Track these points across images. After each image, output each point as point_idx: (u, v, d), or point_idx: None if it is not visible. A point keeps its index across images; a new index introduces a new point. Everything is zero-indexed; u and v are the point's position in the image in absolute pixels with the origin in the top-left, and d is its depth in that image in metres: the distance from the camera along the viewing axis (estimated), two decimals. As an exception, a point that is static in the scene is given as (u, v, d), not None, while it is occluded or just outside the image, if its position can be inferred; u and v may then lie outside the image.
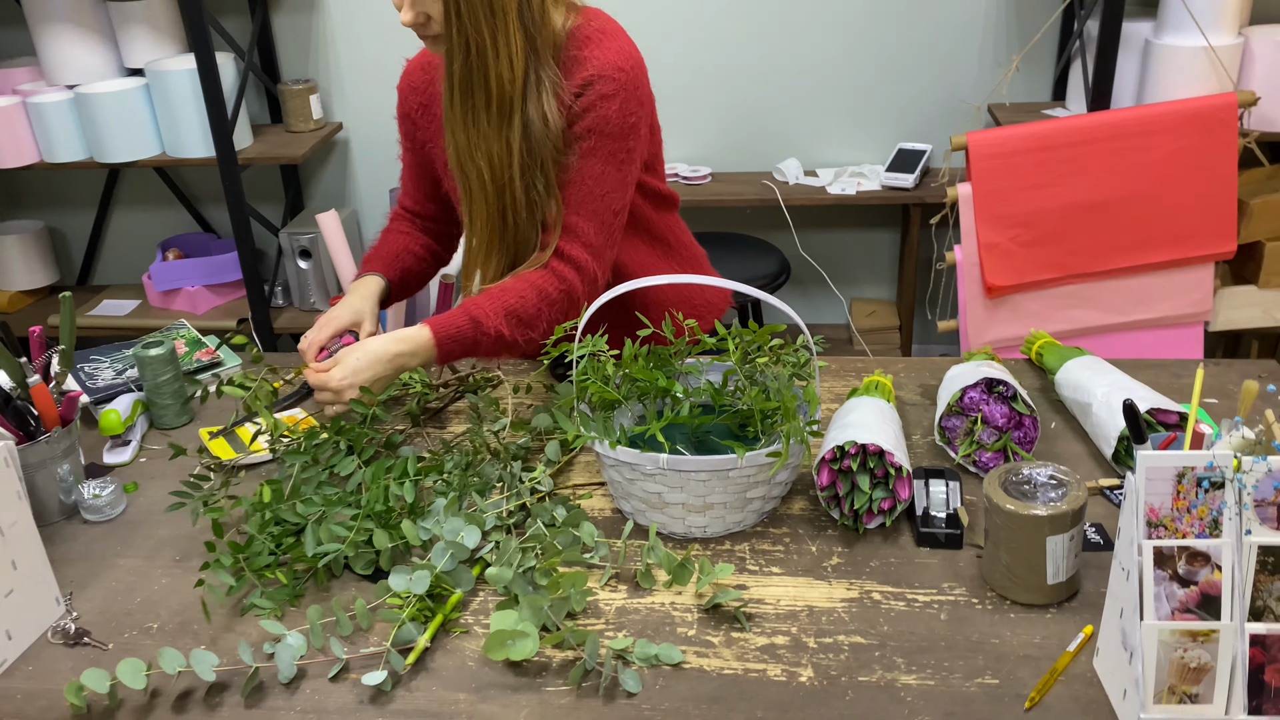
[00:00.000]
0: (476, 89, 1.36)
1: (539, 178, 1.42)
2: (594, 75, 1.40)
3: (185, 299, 2.91)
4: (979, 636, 1.10)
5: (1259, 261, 2.46)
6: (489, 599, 1.18)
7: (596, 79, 1.40)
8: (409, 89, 1.57)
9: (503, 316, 1.40)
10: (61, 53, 2.68)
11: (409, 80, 1.57)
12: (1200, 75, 2.31)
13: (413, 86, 1.56)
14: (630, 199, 1.50)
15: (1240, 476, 0.93)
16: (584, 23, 1.43)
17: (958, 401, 1.35)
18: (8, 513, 1.12)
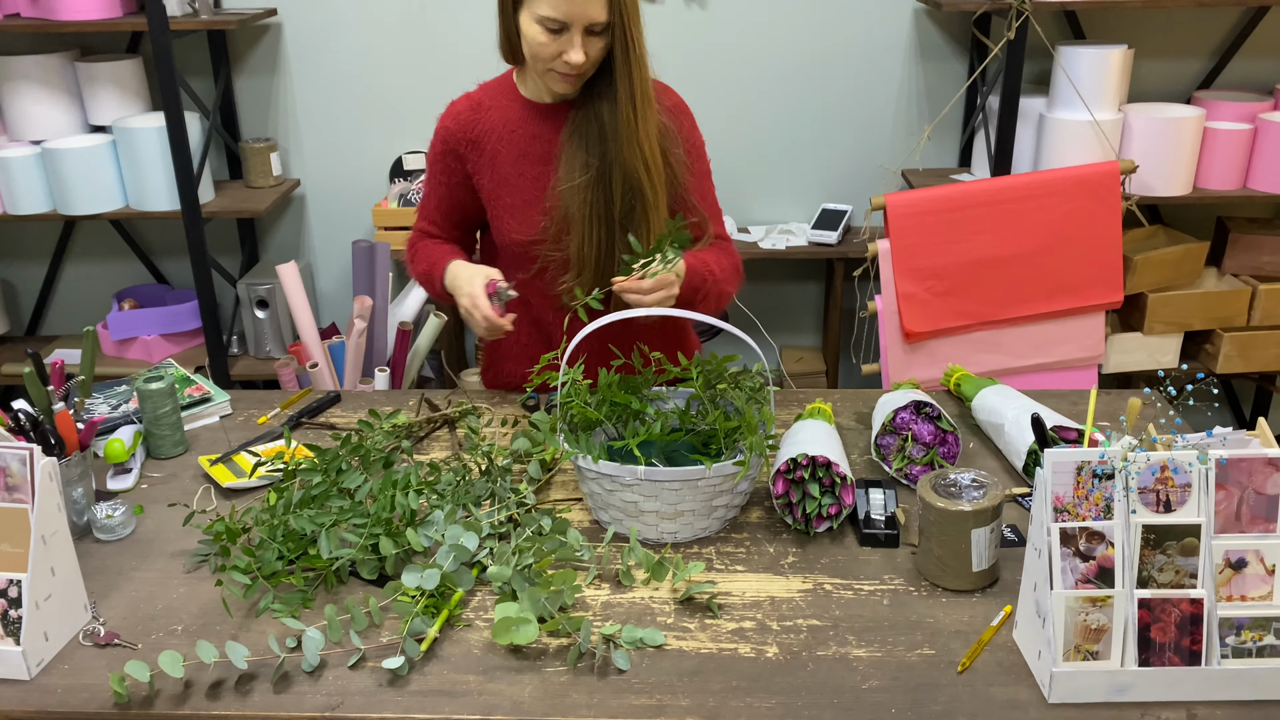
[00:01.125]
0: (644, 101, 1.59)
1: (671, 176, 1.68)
2: (675, 108, 1.71)
3: (140, 347, 2.98)
4: (917, 617, 1.28)
5: (1144, 311, 2.74)
6: (486, 598, 1.32)
7: (679, 111, 1.72)
8: (458, 126, 1.71)
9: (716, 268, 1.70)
10: (27, 110, 2.77)
11: (457, 119, 1.71)
12: (1087, 145, 2.60)
13: (462, 124, 1.70)
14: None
15: (1127, 467, 1.13)
16: None
17: (891, 421, 1.55)
18: (50, 522, 1.23)
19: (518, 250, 1.74)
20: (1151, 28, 2.85)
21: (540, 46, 1.53)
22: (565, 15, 1.50)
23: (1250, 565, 1.14)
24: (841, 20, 2.89)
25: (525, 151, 1.68)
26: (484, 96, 1.73)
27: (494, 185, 1.71)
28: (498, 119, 1.70)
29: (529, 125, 1.68)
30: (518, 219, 1.70)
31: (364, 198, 3.10)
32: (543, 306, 1.77)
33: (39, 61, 2.75)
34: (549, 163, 1.67)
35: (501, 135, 1.69)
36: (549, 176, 1.67)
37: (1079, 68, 2.56)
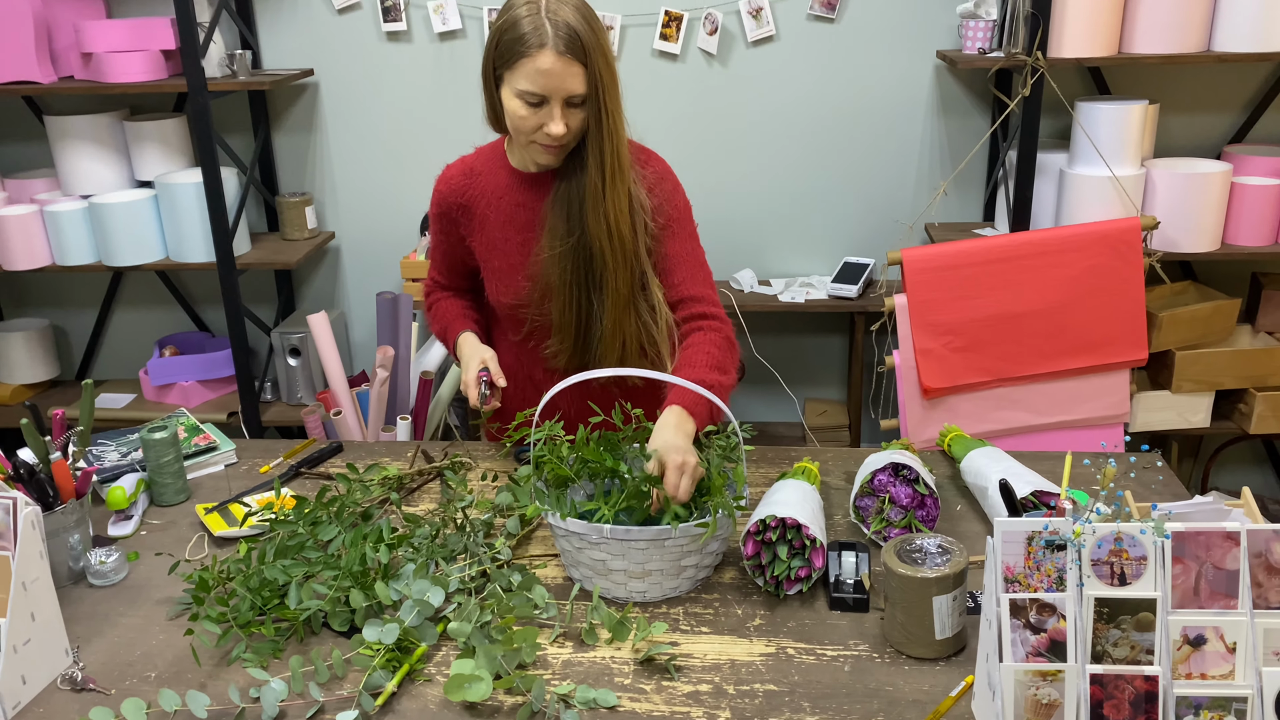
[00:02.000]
0: (617, 172, 1.60)
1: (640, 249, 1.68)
2: (660, 174, 1.71)
3: (179, 393, 3.09)
4: (876, 684, 1.26)
5: (1171, 369, 2.68)
6: (451, 653, 1.34)
7: (662, 178, 1.71)
8: (450, 191, 1.77)
9: (710, 370, 1.61)
10: (78, 166, 2.92)
11: (450, 183, 1.77)
12: (1108, 201, 2.57)
13: (454, 189, 1.77)
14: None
15: (1078, 540, 1.11)
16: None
17: (868, 483, 1.54)
18: (31, 569, 1.28)
19: (506, 312, 1.78)
20: (1179, 83, 2.81)
21: (521, 120, 1.57)
22: (544, 89, 1.53)
23: (1210, 642, 1.11)
24: (863, 76, 2.91)
25: (511, 218, 1.72)
26: (477, 162, 1.78)
27: (483, 249, 1.76)
28: (488, 185, 1.75)
29: (515, 193, 1.72)
30: (504, 283, 1.74)
31: (395, 250, 3.19)
32: (533, 366, 1.81)
33: (90, 121, 2.90)
34: (533, 230, 1.71)
35: (490, 201, 1.74)
36: (533, 243, 1.70)
37: (1098, 123, 2.54)
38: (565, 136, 1.57)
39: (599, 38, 1.53)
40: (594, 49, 1.52)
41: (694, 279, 1.71)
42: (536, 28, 1.51)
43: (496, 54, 1.56)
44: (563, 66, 1.51)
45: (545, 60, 1.51)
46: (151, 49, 2.78)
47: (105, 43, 2.75)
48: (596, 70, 1.53)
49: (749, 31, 2.88)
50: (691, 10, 2.88)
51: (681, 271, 1.70)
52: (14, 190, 3.02)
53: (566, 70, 1.51)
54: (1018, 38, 2.53)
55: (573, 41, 1.50)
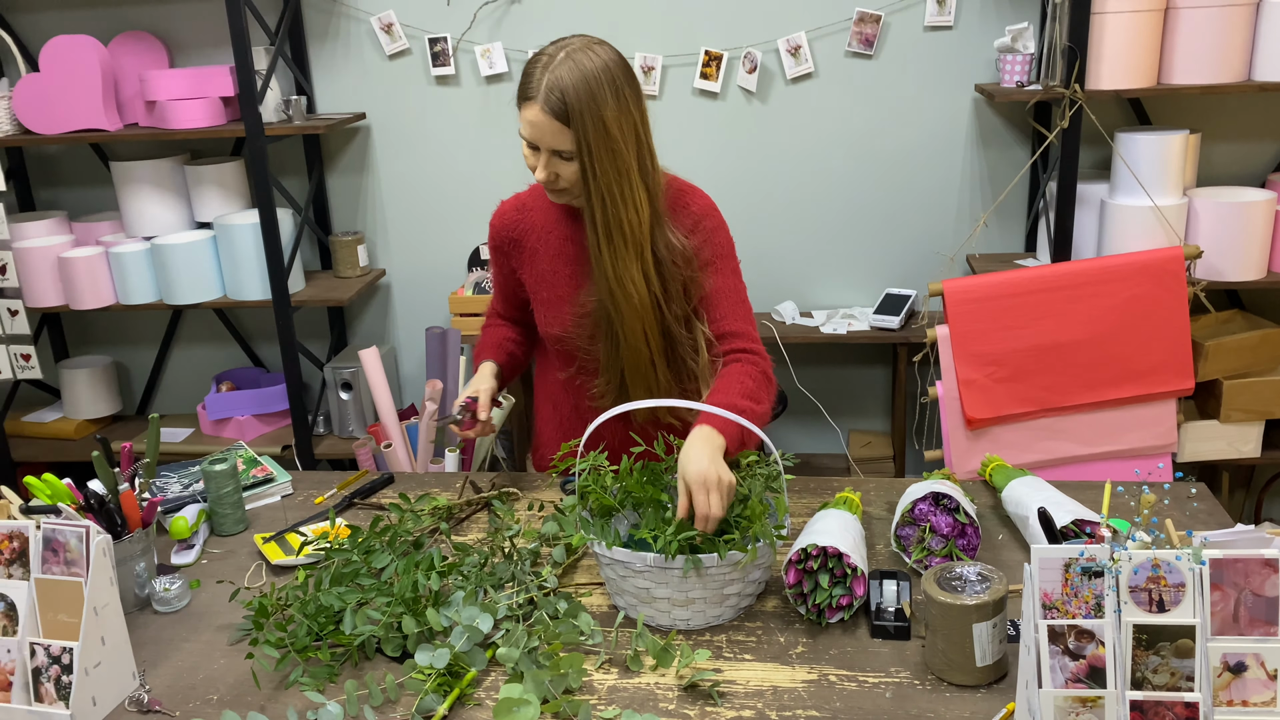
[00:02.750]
0: (615, 232, 1.64)
1: (680, 301, 1.72)
2: (701, 213, 1.74)
3: (235, 427, 3.18)
4: (918, 711, 1.28)
5: (1219, 398, 2.65)
6: (499, 678, 1.38)
7: (705, 216, 1.75)
8: (504, 225, 1.84)
9: (741, 397, 1.63)
10: (141, 209, 3.04)
11: (503, 218, 1.84)
12: (1150, 231, 2.57)
13: (506, 223, 1.84)
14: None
15: (1115, 566, 1.12)
16: (670, 178, 1.77)
17: (909, 512, 1.56)
18: (102, 595, 1.34)
19: (553, 344, 1.83)
20: (1221, 112, 2.81)
21: (526, 157, 1.65)
22: (530, 137, 1.61)
23: (1250, 669, 1.11)
24: (902, 110, 2.94)
25: (560, 251, 1.78)
26: (530, 197, 1.85)
27: (533, 281, 1.82)
28: (539, 219, 1.81)
29: (565, 227, 1.78)
30: (552, 314, 1.80)
31: (444, 286, 3.27)
32: (580, 396, 1.85)
33: (154, 166, 3.02)
34: (582, 264, 1.76)
35: (541, 235, 1.80)
36: (580, 277, 1.76)
37: (1139, 154, 2.55)
38: (555, 183, 1.64)
39: (597, 104, 1.55)
40: (584, 113, 1.55)
41: (734, 314, 1.74)
42: (534, 80, 1.57)
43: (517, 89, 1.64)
44: (545, 121, 1.56)
45: (530, 112, 1.58)
46: (211, 96, 2.90)
47: (168, 91, 2.88)
48: (582, 134, 1.56)
49: (788, 69, 2.93)
50: (731, 49, 2.94)
51: (722, 307, 1.74)
52: (81, 233, 3.15)
53: (550, 126, 1.57)
54: (1055, 70, 2.55)
55: (558, 103, 1.55)
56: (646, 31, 2.96)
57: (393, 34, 3.04)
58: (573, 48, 1.58)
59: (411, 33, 3.04)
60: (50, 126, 2.92)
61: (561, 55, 1.57)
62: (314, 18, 3.07)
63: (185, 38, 3.12)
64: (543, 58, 1.59)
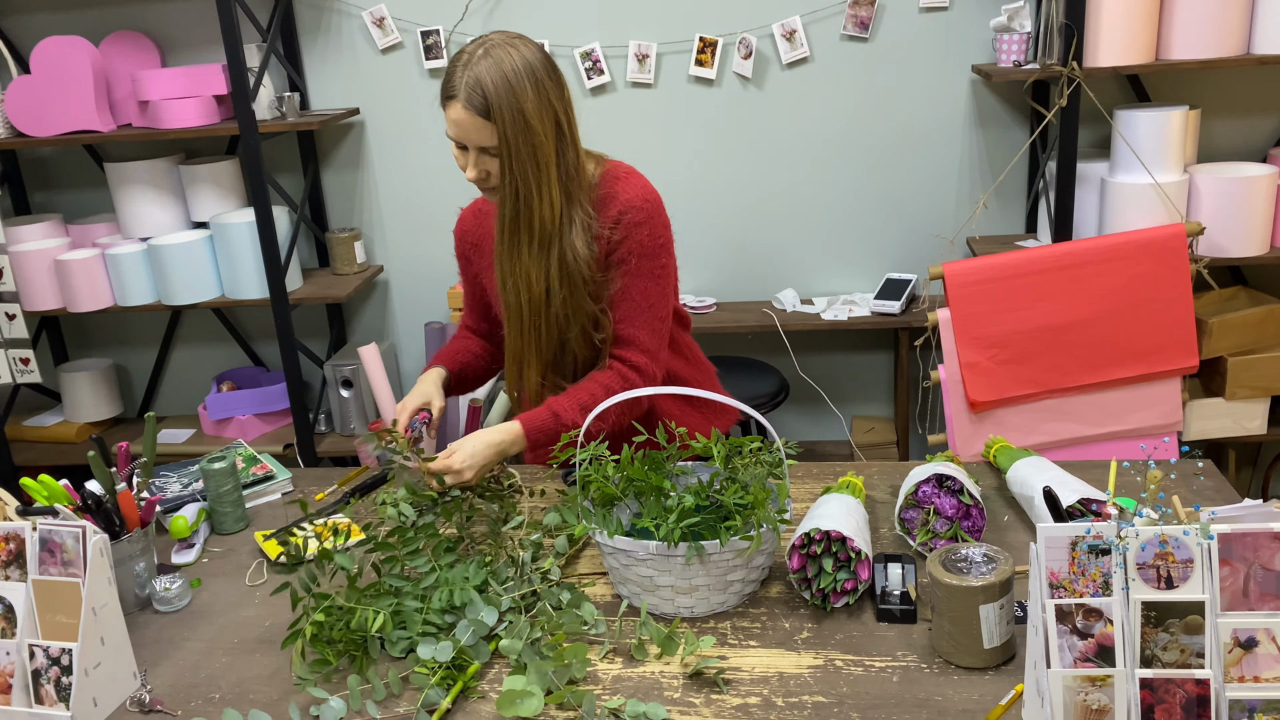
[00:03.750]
0: (523, 227, 1.64)
1: (581, 300, 1.70)
2: (624, 208, 1.69)
3: (236, 427, 3.17)
4: (925, 694, 1.26)
5: (1224, 376, 2.64)
6: (502, 670, 1.36)
7: (627, 210, 1.69)
8: (463, 232, 1.86)
9: (577, 409, 1.65)
10: (137, 210, 3.02)
11: (463, 225, 1.87)
12: (1152, 208, 2.55)
13: (465, 230, 1.86)
14: (672, 306, 1.79)
15: (1123, 544, 1.11)
16: (610, 169, 1.74)
17: (913, 495, 1.55)
18: (100, 595, 1.33)
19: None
20: (1220, 87, 2.79)
21: (456, 159, 1.65)
22: (456, 136, 1.61)
23: (1261, 645, 1.10)
24: (898, 93, 2.92)
25: None
26: (484, 203, 1.85)
27: (493, 286, 1.82)
28: (494, 225, 1.78)
29: None
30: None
31: (442, 281, 3.25)
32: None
33: (148, 166, 3.01)
34: None
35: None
36: None
37: (1139, 131, 2.53)
38: (489, 180, 1.63)
39: (516, 97, 1.55)
40: (503, 108, 1.54)
41: (633, 319, 1.71)
42: (453, 78, 1.57)
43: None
44: (470, 119, 1.56)
45: (454, 112, 1.58)
46: (204, 94, 2.89)
47: (161, 90, 2.86)
48: (502, 127, 1.56)
49: (783, 54, 2.91)
50: (726, 35, 2.92)
51: (622, 309, 1.72)
52: (77, 235, 3.14)
53: (473, 124, 1.56)
54: (1053, 49, 2.53)
55: (479, 99, 1.55)
56: (640, 19, 2.94)
57: (384, 28, 3.02)
58: (492, 44, 1.58)
59: (403, 26, 3.03)
60: (43, 129, 2.90)
61: (480, 52, 1.57)
62: (305, 13, 3.06)
63: (177, 37, 3.10)
64: (463, 56, 1.58)
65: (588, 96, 3.03)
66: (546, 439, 1.66)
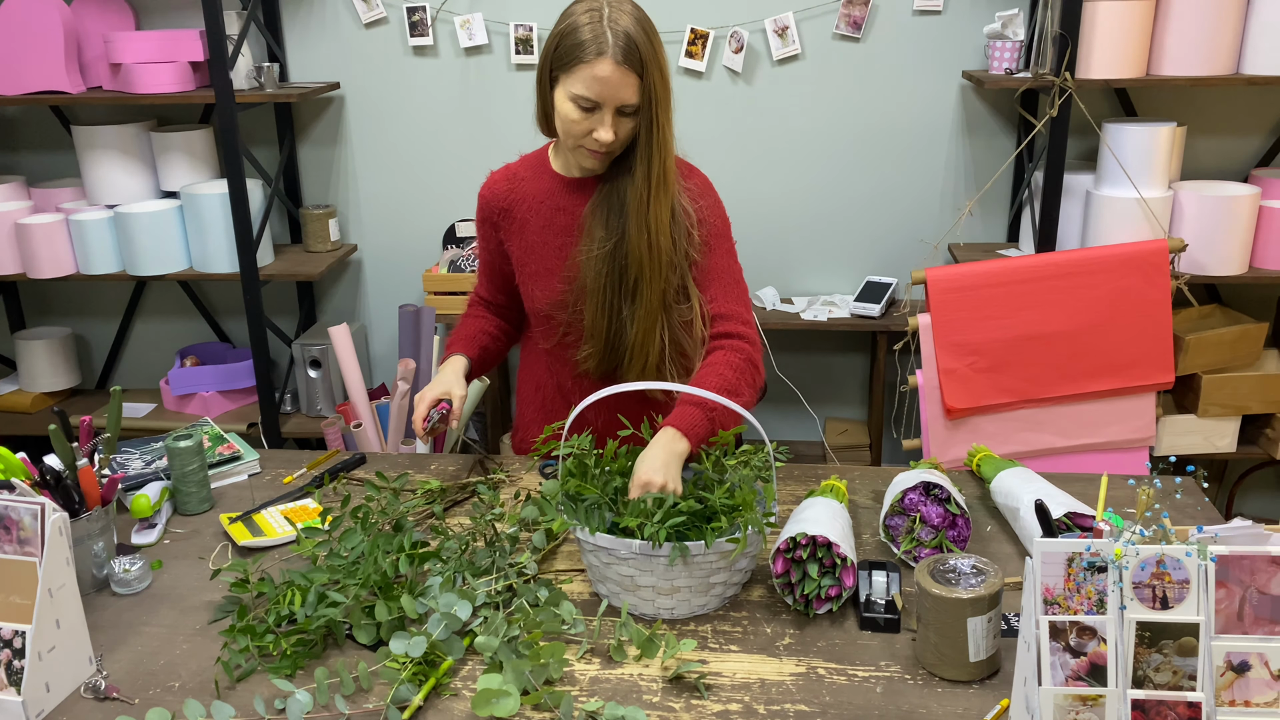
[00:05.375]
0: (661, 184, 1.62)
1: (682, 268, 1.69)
2: (700, 190, 1.72)
3: (199, 403, 3.09)
4: (909, 707, 1.24)
5: (1197, 392, 2.65)
6: (477, 668, 1.32)
7: (703, 192, 1.72)
8: (493, 195, 1.78)
9: (722, 390, 1.59)
10: (104, 176, 2.93)
11: (493, 189, 1.79)
12: (1135, 222, 2.55)
13: (496, 193, 1.78)
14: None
15: (1119, 562, 1.09)
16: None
17: (899, 502, 1.52)
18: (57, 576, 1.27)
19: (541, 317, 1.78)
20: (1207, 105, 2.80)
21: (573, 124, 1.58)
22: (598, 96, 1.55)
23: (1254, 669, 1.09)
24: (888, 95, 2.90)
25: (551, 222, 1.73)
26: (520, 168, 1.80)
27: (521, 252, 1.77)
28: (530, 189, 1.76)
29: (556, 197, 1.73)
30: (540, 286, 1.75)
31: (418, 263, 3.19)
32: (564, 374, 1.80)
33: (118, 131, 2.91)
34: (571, 234, 1.72)
35: (532, 205, 1.75)
36: (570, 247, 1.71)
37: (1126, 145, 2.53)
38: (613, 144, 1.59)
39: (656, 50, 1.56)
40: (650, 61, 1.55)
41: (727, 295, 1.70)
42: (597, 35, 1.53)
43: (555, 57, 1.57)
44: (619, 76, 1.53)
45: (603, 68, 1.53)
46: (180, 60, 2.80)
47: (134, 54, 2.77)
48: (651, 82, 1.55)
49: (774, 50, 2.88)
50: (717, 28, 2.88)
51: (716, 287, 1.70)
52: (40, 199, 3.04)
53: (622, 80, 1.53)
54: (1045, 58, 2.52)
55: (630, 52, 1.53)
56: (631, 7, 2.90)
57: (369, 2, 2.95)
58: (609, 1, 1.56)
59: (389, 1, 2.96)
60: (8, 87, 2.80)
61: (608, 10, 1.55)
62: (288, -17, 2.98)
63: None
64: (588, 14, 1.55)
65: (574, 83, 2.98)
66: (705, 431, 1.55)
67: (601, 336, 1.69)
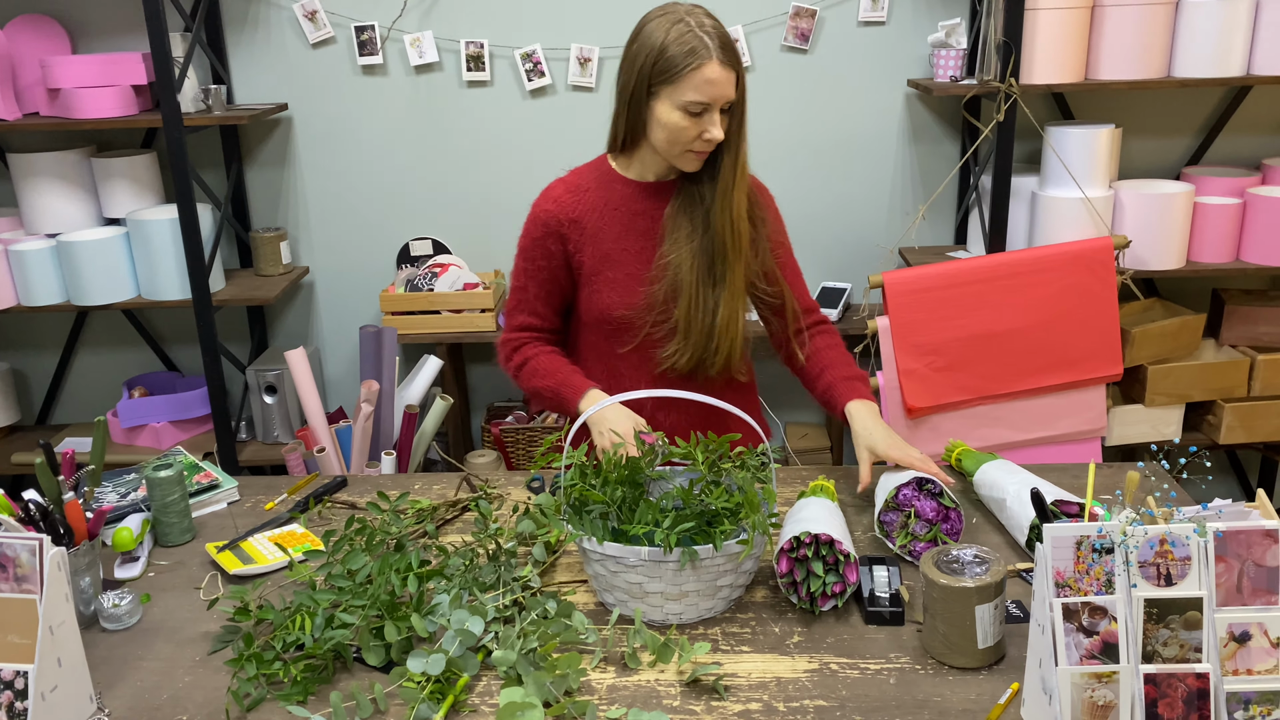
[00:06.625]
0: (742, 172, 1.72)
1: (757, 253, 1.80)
2: (758, 189, 1.85)
3: (150, 435, 3.01)
4: (924, 696, 1.27)
5: (1144, 383, 2.76)
6: (491, 683, 1.32)
7: (761, 192, 1.86)
8: (559, 208, 1.77)
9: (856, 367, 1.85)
10: (43, 204, 2.84)
11: (558, 202, 1.78)
12: (1080, 222, 2.65)
13: (562, 206, 1.78)
14: None
15: (1125, 541, 1.14)
16: None
17: (894, 498, 1.56)
18: (57, 613, 1.24)
19: (613, 325, 1.78)
20: (1139, 107, 2.92)
21: (681, 131, 1.64)
22: (710, 98, 1.62)
23: (1255, 638, 1.14)
24: (836, 105, 2.97)
25: (629, 227, 1.76)
26: (580, 180, 1.81)
27: (595, 261, 1.77)
28: (599, 199, 1.77)
29: (633, 203, 1.76)
30: (619, 292, 1.76)
31: (372, 284, 3.16)
32: (636, 379, 1.81)
33: (56, 158, 2.83)
34: (651, 238, 1.76)
35: (604, 213, 1.77)
36: (651, 251, 1.75)
37: (1068, 147, 2.62)
38: (710, 144, 1.67)
39: (736, 48, 1.67)
40: (738, 60, 1.65)
41: (802, 290, 1.90)
42: (697, 43, 1.60)
43: (655, 72, 1.62)
44: (724, 75, 1.62)
45: (712, 71, 1.60)
46: (123, 84, 2.74)
47: (74, 78, 2.70)
48: (740, 79, 1.65)
49: (724, 62, 2.93)
50: (668, 42, 2.92)
51: (797, 285, 1.88)
52: (-25, 230, 2.93)
53: (727, 78, 1.62)
54: (990, 65, 2.61)
55: (727, 50, 1.62)
56: (583, 22, 2.92)
57: (317, 22, 2.92)
58: (685, 7, 1.65)
59: (337, 21, 2.93)
60: (-60, 115, 2.71)
61: (692, 18, 1.63)
62: (232, 4, 2.93)
63: (88, 22, 2.93)
64: (676, 26, 1.62)
65: (527, 98, 2.98)
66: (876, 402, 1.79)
67: (698, 330, 1.75)
